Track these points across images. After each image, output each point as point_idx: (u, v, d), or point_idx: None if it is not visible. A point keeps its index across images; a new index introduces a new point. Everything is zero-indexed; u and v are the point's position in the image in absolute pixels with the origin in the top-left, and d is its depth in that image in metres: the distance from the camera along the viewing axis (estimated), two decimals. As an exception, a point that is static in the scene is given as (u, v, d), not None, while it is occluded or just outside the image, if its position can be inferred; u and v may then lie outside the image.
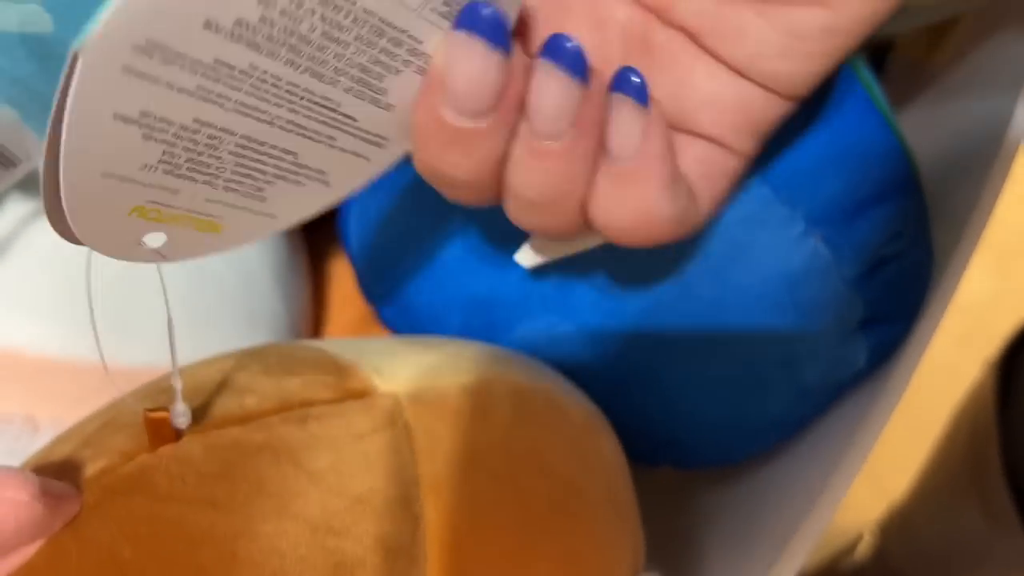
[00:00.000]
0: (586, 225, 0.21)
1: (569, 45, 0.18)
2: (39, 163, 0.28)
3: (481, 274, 0.29)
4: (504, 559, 0.21)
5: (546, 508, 0.22)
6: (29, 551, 0.19)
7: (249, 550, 0.19)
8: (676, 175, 0.20)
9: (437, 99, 0.18)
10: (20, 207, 0.29)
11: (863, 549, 0.72)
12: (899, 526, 0.66)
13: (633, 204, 0.19)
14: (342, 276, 0.39)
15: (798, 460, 0.33)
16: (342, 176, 0.20)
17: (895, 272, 0.29)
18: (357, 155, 0.19)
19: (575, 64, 0.18)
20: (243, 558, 0.19)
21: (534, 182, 0.19)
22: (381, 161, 0.20)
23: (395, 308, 0.32)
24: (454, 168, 0.19)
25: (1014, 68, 0.35)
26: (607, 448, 0.25)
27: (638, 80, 0.19)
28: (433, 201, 0.23)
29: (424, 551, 0.20)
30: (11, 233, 0.29)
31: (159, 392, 0.22)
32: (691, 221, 0.21)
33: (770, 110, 0.21)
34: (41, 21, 0.21)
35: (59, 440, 0.22)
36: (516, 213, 0.20)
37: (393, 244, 0.32)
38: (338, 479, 0.20)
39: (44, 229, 0.29)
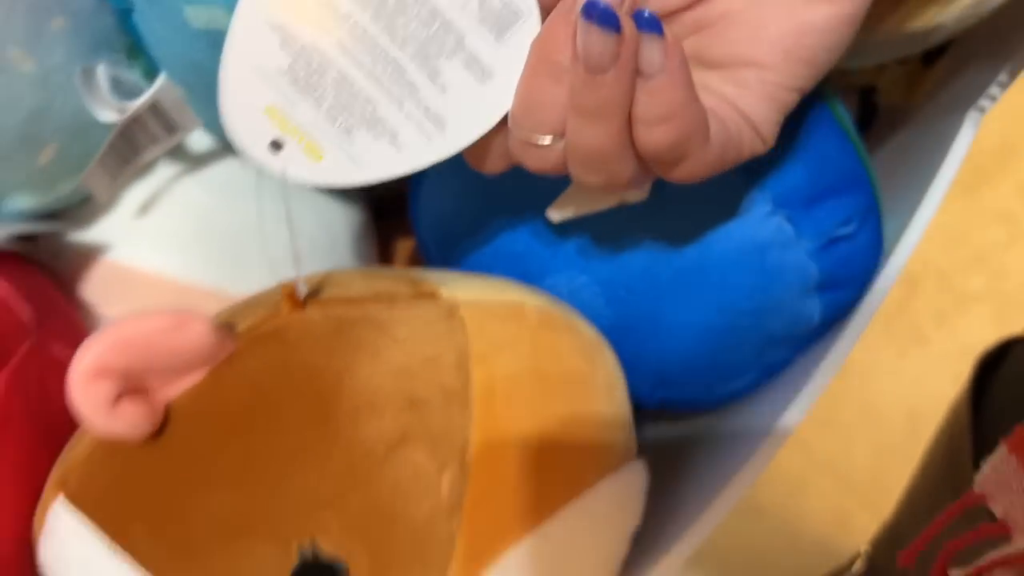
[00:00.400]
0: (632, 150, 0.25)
1: (601, 5, 0.22)
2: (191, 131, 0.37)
3: (519, 235, 0.37)
4: (528, 410, 0.28)
5: (559, 384, 0.30)
6: (199, 375, 0.27)
7: (351, 383, 0.27)
8: (694, 88, 0.24)
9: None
10: (171, 167, 0.38)
11: (859, 566, 0.77)
12: (888, 536, 0.72)
13: (666, 106, 0.24)
14: (401, 253, 0.48)
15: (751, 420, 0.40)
16: (409, 145, 0.26)
17: (846, 249, 0.37)
18: (420, 130, 0.26)
19: (607, 19, 0.22)
20: (347, 388, 0.27)
21: (592, 99, 0.24)
22: (438, 147, 0.26)
23: (449, 266, 0.40)
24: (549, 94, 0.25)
25: (966, 93, 0.42)
26: (609, 360, 0.33)
27: (648, 15, 0.23)
28: (486, 184, 0.30)
29: (472, 398, 0.28)
30: (162, 187, 0.37)
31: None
32: (705, 142, 0.25)
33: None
34: (222, 19, 0.30)
35: (214, 315, 0.30)
36: (575, 135, 0.25)
37: (450, 216, 0.40)
38: (414, 345, 0.28)
39: (187, 185, 0.38)
